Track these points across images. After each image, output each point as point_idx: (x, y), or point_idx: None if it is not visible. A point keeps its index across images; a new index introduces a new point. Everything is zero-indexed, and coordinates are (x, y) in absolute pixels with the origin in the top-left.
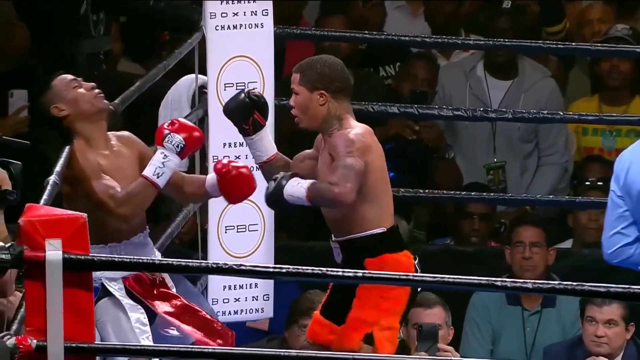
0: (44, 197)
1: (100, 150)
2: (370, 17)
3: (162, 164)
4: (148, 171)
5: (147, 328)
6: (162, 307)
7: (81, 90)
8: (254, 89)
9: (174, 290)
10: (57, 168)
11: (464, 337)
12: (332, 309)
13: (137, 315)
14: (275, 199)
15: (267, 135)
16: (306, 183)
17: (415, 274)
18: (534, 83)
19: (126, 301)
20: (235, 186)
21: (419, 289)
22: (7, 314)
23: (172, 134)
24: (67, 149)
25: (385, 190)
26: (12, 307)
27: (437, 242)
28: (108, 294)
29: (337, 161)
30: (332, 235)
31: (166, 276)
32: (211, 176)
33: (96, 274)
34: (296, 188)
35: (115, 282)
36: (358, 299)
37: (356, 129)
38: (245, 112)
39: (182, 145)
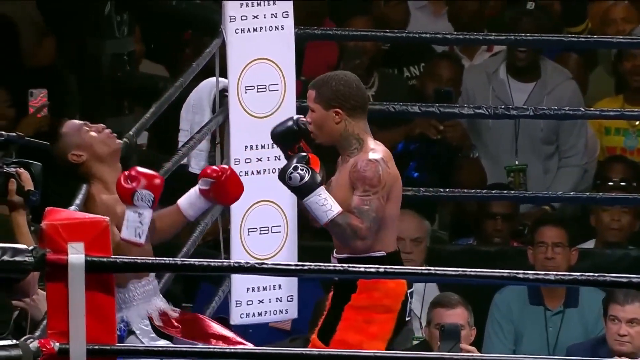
0: (77, 201)
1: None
2: (393, 16)
3: (140, 222)
4: (128, 234)
5: None
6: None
7: (93, 133)
8: (302, 117)
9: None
10: (77, 201)
11: (486, 337)
12: (325, 330)
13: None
14: (292, 191)
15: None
16: (333, 213)
17: (437, 268)
18: (555, 85)
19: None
20: (232, 185)
21: (406, 317)
22: (31, 312)
23: (139, 191)
24: (84, 187)
25: (396, 215)
26: (35, 306)
27: (459, 242)
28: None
29: (362, 196)
30: (334, 251)
31: None
32: (187, 195)
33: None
34: (319, 209)
35: (140, 321)
36: (343, 321)
37: (379, 154)
38: (291, 139)
39: (152, 199)
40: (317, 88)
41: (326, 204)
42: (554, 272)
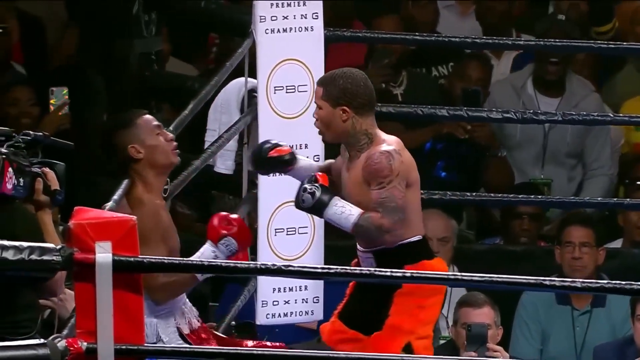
0: (115, 197)
1: (157, 200)
2: (421, 17)
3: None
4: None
5: None
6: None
7: (161, 138)
8: (271, 144)
9: None
10: (115, 197)
11: (513, 337)
12: (356, 316)
13: None
14: (311, 212)
15: (301, 166)
16: (353, 217)
17: (463, 274)
18: (581, 99)
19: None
20: (246, 235)
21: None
22: (59, 312)
23: (229, 238)
24: (125, 183)
25: (418, 198)
26: (63, 305)
27: (486, 242)
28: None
29: (378, 190)
30: (359, 245)
31: None
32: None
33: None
34: (340, 217)
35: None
36: (395, 306)
37: (390, 146)
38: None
39: (234, 250)
40: (324, 85)
41: (345, 210)
42: (581, 280)
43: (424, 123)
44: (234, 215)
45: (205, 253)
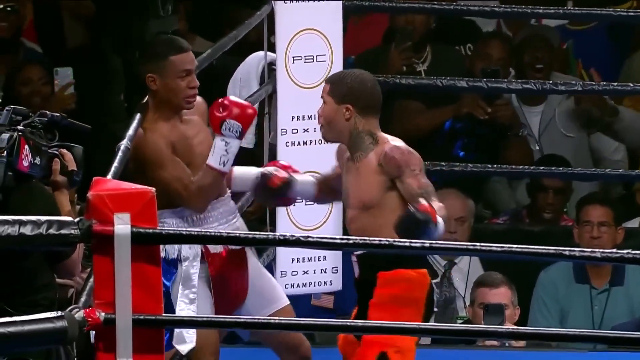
0: (114, 164)
1: (170, 121)
2: None
3: (226, 151)
4: (213, 160)
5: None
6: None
7: (183, 83)
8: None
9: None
10: (130, 131)
11: (531, 316)
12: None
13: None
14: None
15: (296, 183)
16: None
17: (482, 245)
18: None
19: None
20: (243, 111)
21: (434, 309)
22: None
23: (227, 120)
24: (137, 117)
25: None
26: (82, 283)
27: (507, 212)
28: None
29: (414, 179)
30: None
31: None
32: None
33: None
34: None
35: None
36: (370, 316)
37: (400, 142)
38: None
39: (239, 129)
40: (332, 82)
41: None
42: (600, 250)
43: (444, 102)
44: (227, 99)
45: (216, 146)
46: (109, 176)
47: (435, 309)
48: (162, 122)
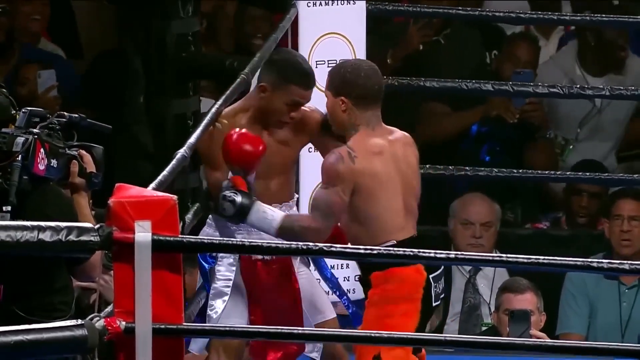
0: (164, 172)
1: (252, 125)
2: None
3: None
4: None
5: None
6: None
7: (286, 107)
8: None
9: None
10: (191, 140)
11: (561, 311)
12: None
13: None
14: (234, 220)
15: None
16: (276, 220)
17: (508, 255)
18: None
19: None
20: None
21: (433, 304)
22: (105, 294)
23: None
24: (214, 110)
25: (382, 208)
26: (109, 287)
27: (548, 216)
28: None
29: (319, 191)
30: None
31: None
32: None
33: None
34: (264, 222)
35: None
36: (365, 318)
37: (351, 149)
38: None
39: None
40: (330, 75)
41: (267, 215)
42: (629, 262)
43: (470, 104)
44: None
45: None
46: (154, 185)
47: (459, 315)
48: (244, 121)
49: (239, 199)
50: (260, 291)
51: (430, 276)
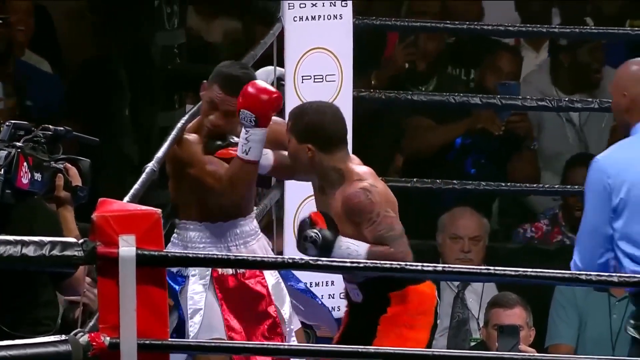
0: (136, 185)
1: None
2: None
3: (246, 140)
4: (238, 150)
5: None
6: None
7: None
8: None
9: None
10: (159, 154)
11: (550, 322)
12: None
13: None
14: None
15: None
16: (362, 255)
17: (496, 268)
18: None
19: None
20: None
21: (437, 320)
22: (94, 307)
23: (242, 110)
24: (179, 126)
25: (398, 223)
26: (96, 301)
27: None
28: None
29: (373, 227)
30: (344, 277)
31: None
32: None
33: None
34: (349, 257)
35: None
36: (381, 330)
37: (363, 181)
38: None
39: (253, 118)
40: (292, 118)
41: (351, 250)
42: (617, 274)
43: (454, 118)
44: (251, 85)
45: (240, 135)
46: (127, 198)
47: (448, 330)
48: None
49: (319, 239)
50: (233, 304)
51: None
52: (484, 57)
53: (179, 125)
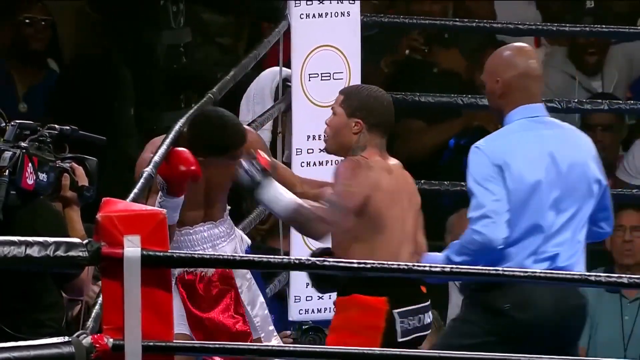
0: (135, 190)
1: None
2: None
3: (159, 205)
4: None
5: None
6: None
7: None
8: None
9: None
10: (156, 158)
11: None
12: None
13: None
14: (248, 193)
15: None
16: (292, 203)
17: (505, 269)
18: None
19: None
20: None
21: (399, 339)
22: (90, 303)
23: (158, 175)
24: (177, 128)
25: (383, 231)
26: (95, 297)
27: None
28: None
29: (335, 190)
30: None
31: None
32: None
33: None
34: (275, 202)
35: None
36: (327, 343)
37: (365, 160)
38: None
39: (164, 186)
40: (346, 94)
41: (280, 197)
42: (628, 275)
43: (447, 116)
44: (174, 153)
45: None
46: (128, 200)
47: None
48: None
49: (253, 171)
50: (200, 309)
51: (397, 311)
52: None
53: (176, 127)
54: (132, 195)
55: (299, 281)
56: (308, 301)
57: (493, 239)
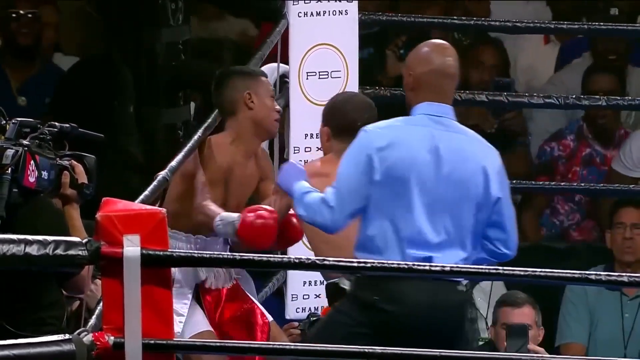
0: (146, 192)
1: (239, 155)
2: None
3: (216, 225)
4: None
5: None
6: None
7: (277, 107)
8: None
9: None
10: (173, 163)
11: (561, 321)
12: None
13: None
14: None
15: None
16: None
17: (505, 268)
18: None
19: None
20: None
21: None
22: (89, 303)
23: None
24: (196, 138)
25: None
26: (93, 296)
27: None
28: None
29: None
30: None
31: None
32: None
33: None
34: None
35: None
36: None
37: (313, 166)
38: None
39: (235, 232)
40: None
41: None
42: (628, 274)
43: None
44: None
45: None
46: (137, 202)
47: None
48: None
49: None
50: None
51: None
52: (467, 52)
53: (195, 137)
54: (141, 197)
55: (296, 280)
56: (305, 299)
57: (330, 226)
